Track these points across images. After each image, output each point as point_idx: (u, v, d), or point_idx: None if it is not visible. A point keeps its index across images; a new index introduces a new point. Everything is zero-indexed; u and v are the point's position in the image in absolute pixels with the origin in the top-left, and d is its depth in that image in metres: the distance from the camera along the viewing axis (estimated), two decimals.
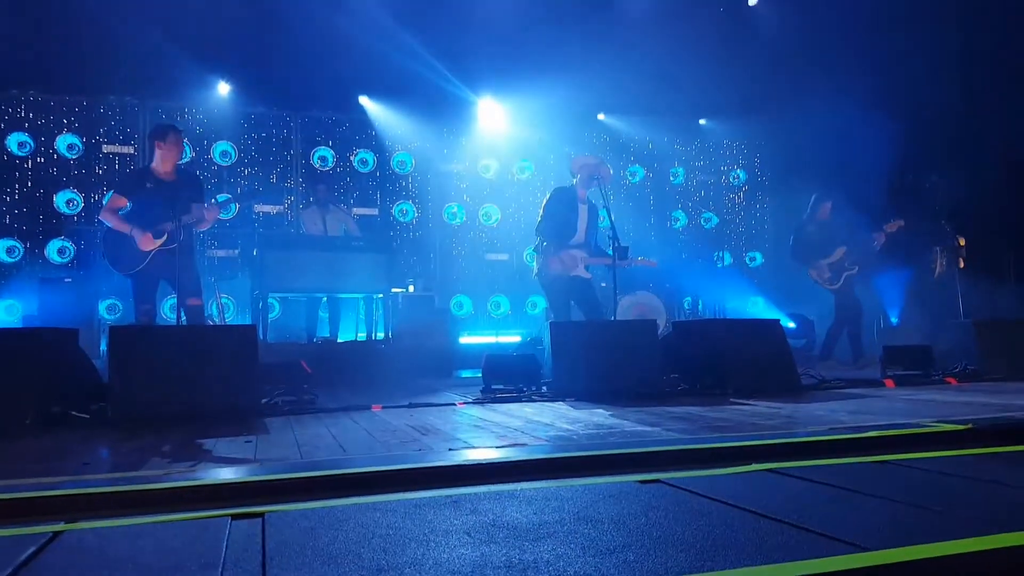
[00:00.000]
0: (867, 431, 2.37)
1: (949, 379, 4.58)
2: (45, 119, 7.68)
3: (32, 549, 1.26)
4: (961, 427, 2.38)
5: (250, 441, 2.62)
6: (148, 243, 4.88)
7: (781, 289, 9.00)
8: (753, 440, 2.22)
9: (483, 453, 2.19)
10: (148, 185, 4.95)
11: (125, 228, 4.88)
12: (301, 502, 1.61)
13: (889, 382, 4.46)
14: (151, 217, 4.88)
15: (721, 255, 9.69)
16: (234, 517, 1.47)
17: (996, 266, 7.10)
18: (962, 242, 6.69)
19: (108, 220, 4.93)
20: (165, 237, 4.88)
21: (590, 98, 8.96)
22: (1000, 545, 1.19)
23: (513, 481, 1.83)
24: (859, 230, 6.74)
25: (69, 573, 1.16)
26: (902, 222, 6.65)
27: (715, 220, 10.03)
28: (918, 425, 2.48)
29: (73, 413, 3.17)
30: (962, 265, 6.47)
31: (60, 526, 1.42)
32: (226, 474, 1.88)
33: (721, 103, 9.25)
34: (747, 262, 10.04)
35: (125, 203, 4.94)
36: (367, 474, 1.84)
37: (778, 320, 4.81)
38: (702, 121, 9.95)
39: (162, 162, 4.99)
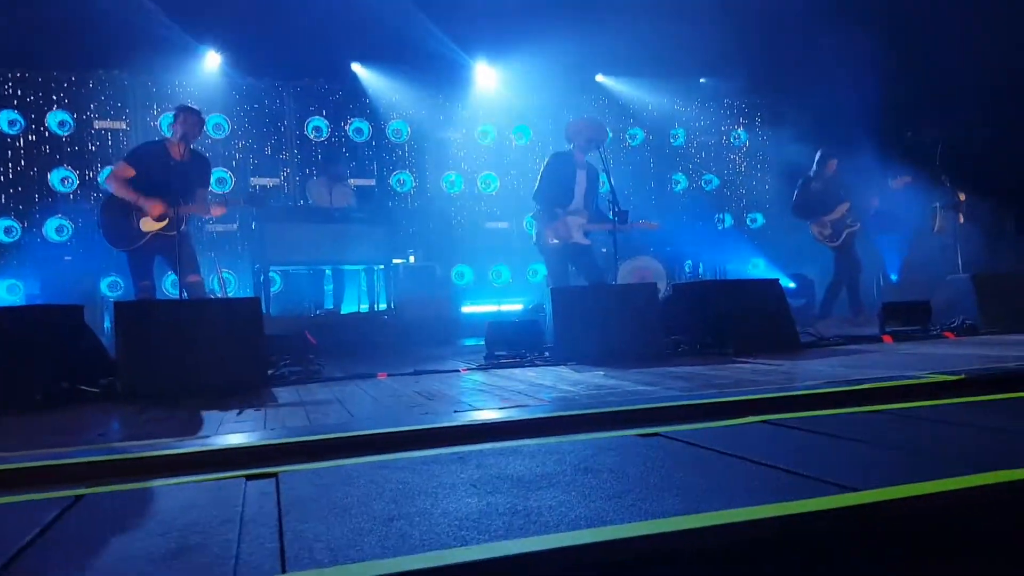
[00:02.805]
0: (862, 383, 2.42)
1: (947, 334, 4.63)
2: (34, 96, 7.60)
3: (57, 511, 1.32)
4: (954, 377, 2.43)
5: (259, 410, 2.68)
6: (148, 223, 4.87)
7: (781, 250, 9.02)
8: (750, 394, 2.27)
9: (488, 414, 2.24)
10: (158, 160, 4.88)
11: (131, 196, 4.81)
12: (312, 462, 1.66)
13: (887, 338, 4.51)
14: (156, 195, 4.83)
15: (722, 217, 9.68)
16: (248, 478, 1.52)
17: (995, 221, 7.10)
18: (962, 197, 6.69)
19: (112, 186, 4.85)
20: (166, 222, 4.86)
21: (588, 59, 8.84)
22: (986, 482, 1.24)
23: (516, 438, 1.88)
24: (862, 186, 6.72)
25: (94, 532, 1.22)
26: (909, 177, 6.62)
27: (716, 182, 9.99)
28: (912, 376, 2.53)
29: (82, 388, 3.23)
30: (961, 220, 6.47)
31: (82, 490, 1.48)
32: (239, 439, 1.94)
33: (722, 61, 9.12)
34: (748, 223, 10.04)
35: (132, 173, 4.87)
36: (376, 436, 1.90)
37: (777, 280, 4.84)
38: (702, 80, 9.83)
39: (174, 140, 4.95)
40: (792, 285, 7.78)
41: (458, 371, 3.82)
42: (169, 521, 1.24)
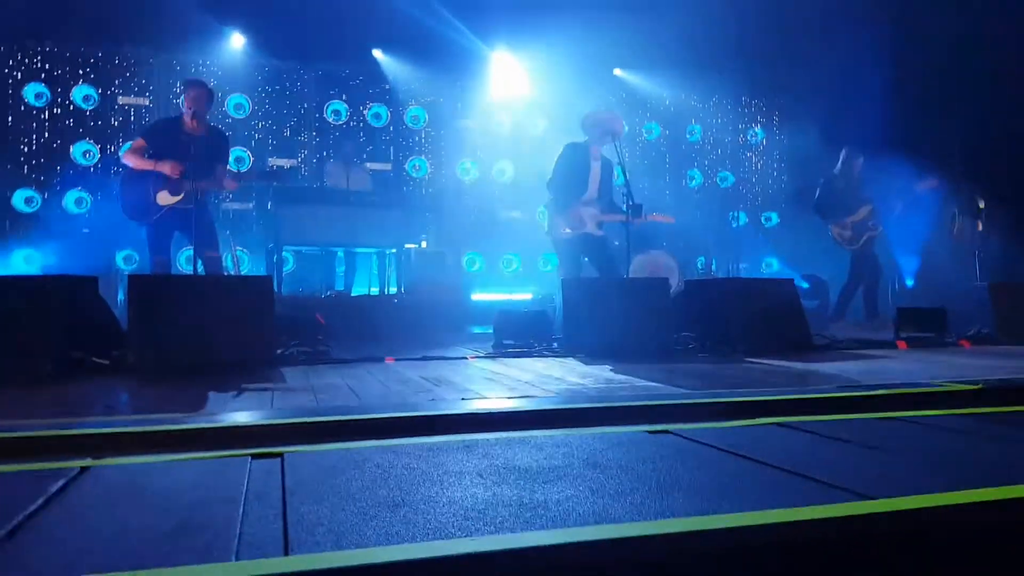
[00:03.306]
0: (877, 389, 2.39)
1: (963, 342, 4.56)
2: (61, 70, 7.64)
3: (62, 482, 1.32)
4: (971, 387, 2.39)
5: (267, 388, 2.68)
6: (165, 197, 4.90)
7: (796, 250, 8.93)
8: (763, 395, 2.24)
9: (495, 403, 2.23)
10: (174, 136, 4.93)
11: (149, 166, 4.85)
12: (318, 444, 1.66)
13: (902, 344, 4.45)
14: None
15: (736, 215, 9.59)
16: (254, 456, 1.52)
17: (1015, 229, 6.98)
18: (982, 204, 6.57)
19: (130, 160, 4.92)
20: (182, 196, 4.89)
21: (606, 52, 8.76)
22: (1003, 496, 1.21)
23: (524, 429, 1.87)
24: (885, 188, 6.60)
25: (98, 503, 1.21)
26: (936, 180, 6.47)
27: (731, 179, 9.89)
28: (928, 384, 2.49)
29: (93, 359, 3.25)
30: (980, 228, 6.37)
31: (88, 461, 1.48)
32: (246, 417, 1.93)
33: (741, 57, 9.01)
34: (763, 222, 9.94)
35: (146, 147, 4.93)
36: (382, 420, 1.89)
37: (791, 279, 4.79)
38: (720, 75, 9.72)
39: (189, 115, 4.97)
40: (805, 286, 7.70)
41: (466, 358, 3.81)
42: (173, 497, 1.24)
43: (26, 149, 7.52)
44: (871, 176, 6.65)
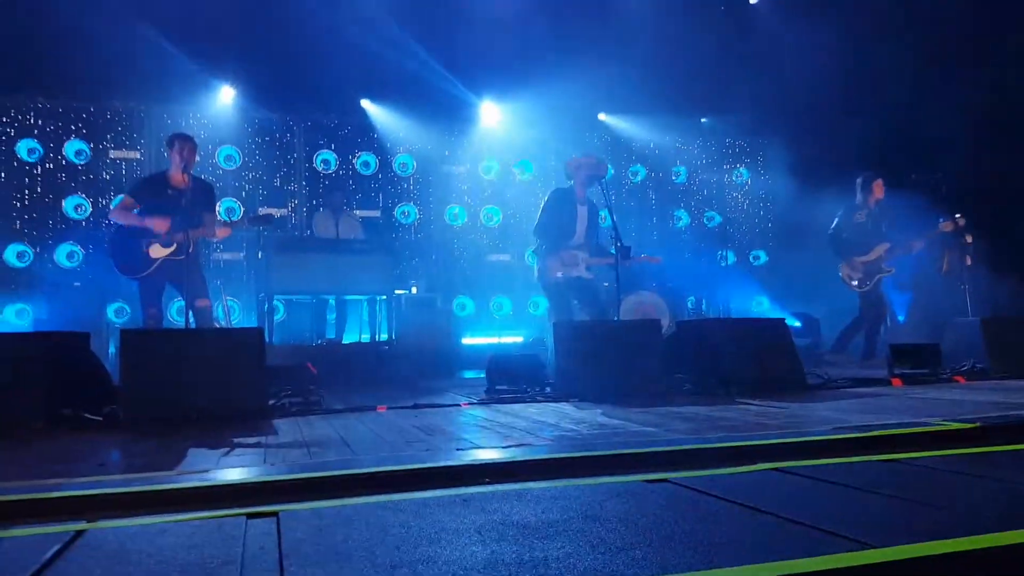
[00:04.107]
0: (873, 430, 2.39)
1: (957, 377, 4.58)
2: (53, 125, 7.73)
3: (57, 547, 1.30)
4: (969, 425, 2.39)
5: (260, 443, 2.65)
6: (157, 250, 4.92)
7: (785, 288, 9.01)
8: (758, 440, 2.24)
9: (490, 453, 2.22)
10: (161, 191, 4.99)
11: (137, 221, 4.89)
12: (312, 501, 1.64)
13: (896, 381, 4.46)
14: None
15: (724, 254, 9.70)
16: (249, 516, 1.50)
17: (1003, 263, 7.08)
18: (969, 239, 6.65)
19: (118, 218, 4.97)
20: (174, 247, 4.92)
21: (591, 98, 8.98)
22: (1006, 543, 1.21)
23: (521, 480, 1.86)
24: (902, 225, 6.41)
25: (94, 571, 1.19)
26: (961, 219, 6.17)
27: (718, 219, 10.03)
28: (925, 424, 2.50)
29: (85, 415, 3.21)
30: (969, 262, 6.44)
31: (82, 525, 1.45)
32: (240, 474, 1.91)
33: (723, 101, 9.26)
34: (751, 261, 10.05)
35: (136, 205, 4.99)
36: (377, 474, 1.87)
37: (783, 319, 4.81)
38: (704, 120, 9.96)
39: (174, 169, 5.04)
40: (797, 324, 7.74)
41: (459, 405, 3.79)
42: (169, 560, 1.21)
43: (18, 204, 7.55)
44: (891, 205, 6.44)
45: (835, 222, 6.58)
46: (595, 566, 1.12)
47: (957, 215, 6.30)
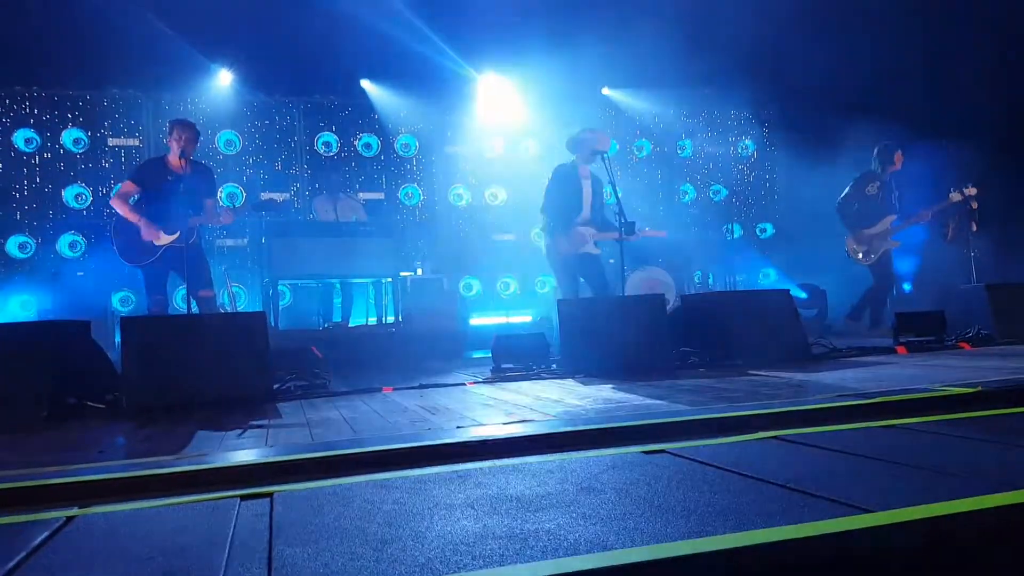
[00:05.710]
0: (876, 397, 2.36)
1: (962, 344, 4.54)
2: (50, 114, 7.70)
3: (47, 533, 1.29)
4: (970, 390, 2.36)
5: (263, 425, 2.65)
6: (159, 238, 4.92)
7: (792, 260, 8.92)
8: (760, 409, 2.22)
9: (490, 430, 2.20)
10: (162, 176, 4.97)
11: (134, 218, 4.90)
12: (310, 482, 1.63)
13: (901, 349, 4.43)
14: (163, 210, 4.91)
15: (730, 227, 9.60)
16: (243, 498, 1.49)
17: (1009, 229, 6.98)
18: (975, 205, 6.55)
19: (118, 208, 4.97)
20: (177, 235, 4.91)
21: (593, 72, 8.84)
22: (1008, 503, 1.19)
23: (520, 456, 1.84)
24: (911, 197, 6.29)
25: (81, 554, 1.19)
26: (971, 189, 6.04)
27: (724, 192, 9.93)
28: (927, 389, 2.47)
29: (88, 403, 3.22)
30: (975, 229, 6.35)
31: (74, 511, 1.45)
32: (236, 457, 1.91)
33: (727, 71, 9.09)
34: (757, 234, 9.96)
35: (135, 190, 4.97)
36: (375, 453, 1.86)
37: (787, 290, 4.78)
38: (707, 91, 9.80)
39: (174, 155, 5.02)
40: (803, 295, 7.68)
41: (464, 385, 3.78)
42: (157, 544, 1.21)
43: (18, 195, 7.56)
44: (906, 174, 6.29)
45: (845, 191, 6.46)
46: (586, 537, 1.10)
47: (968, 185, 6.18)
